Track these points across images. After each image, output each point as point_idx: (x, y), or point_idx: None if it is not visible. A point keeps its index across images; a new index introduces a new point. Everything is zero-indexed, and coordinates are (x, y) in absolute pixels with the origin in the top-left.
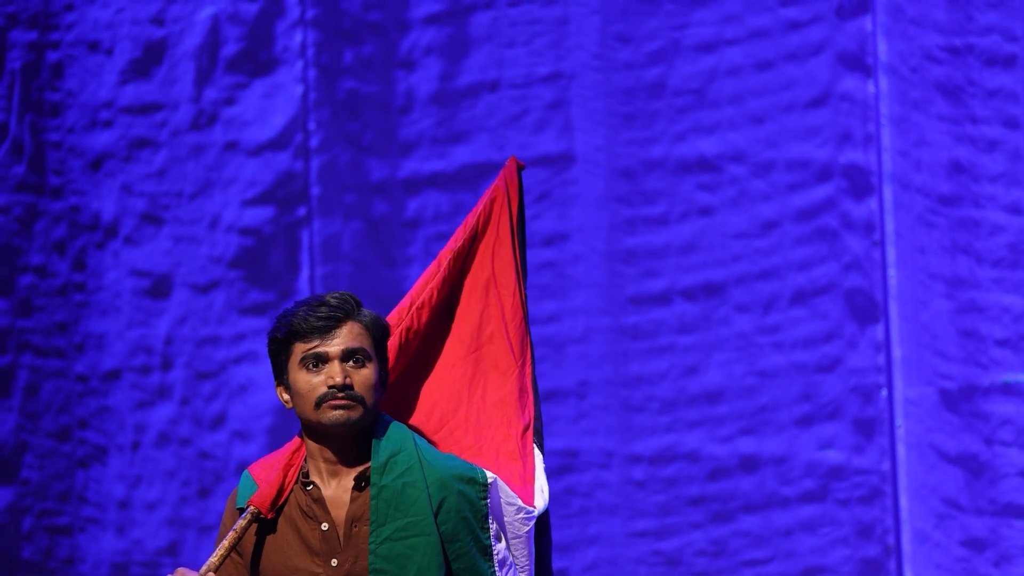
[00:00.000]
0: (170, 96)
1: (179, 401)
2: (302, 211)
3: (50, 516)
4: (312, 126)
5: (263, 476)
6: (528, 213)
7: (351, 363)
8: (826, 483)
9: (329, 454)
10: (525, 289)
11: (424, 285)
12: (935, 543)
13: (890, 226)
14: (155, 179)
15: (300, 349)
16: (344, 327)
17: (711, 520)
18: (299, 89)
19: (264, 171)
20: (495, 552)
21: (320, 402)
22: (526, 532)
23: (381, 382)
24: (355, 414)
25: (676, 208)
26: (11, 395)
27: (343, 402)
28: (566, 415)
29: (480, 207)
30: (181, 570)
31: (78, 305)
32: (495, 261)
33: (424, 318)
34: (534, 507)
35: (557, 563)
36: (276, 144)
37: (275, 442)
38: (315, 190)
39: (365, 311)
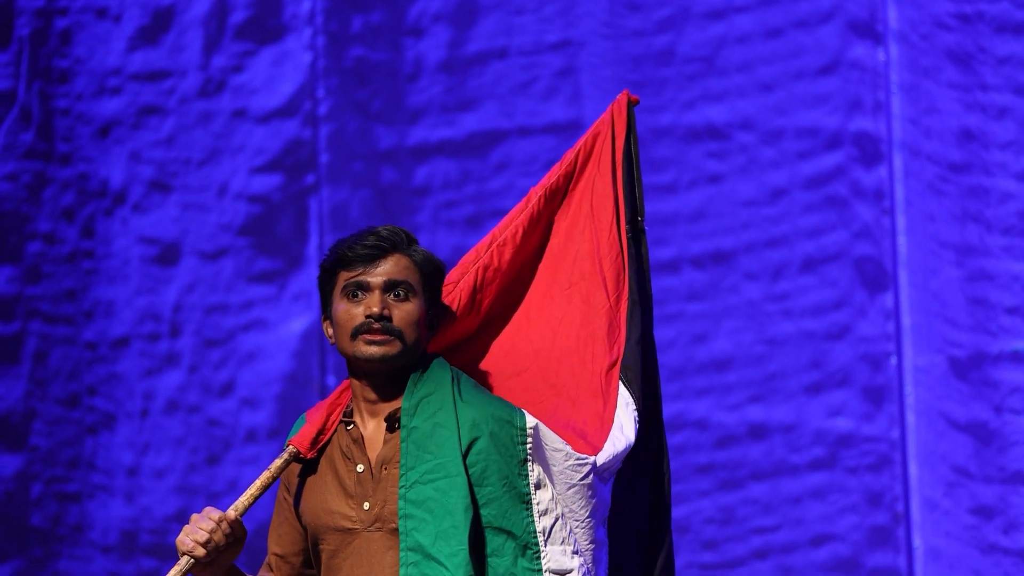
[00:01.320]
0: (178, 63)
1: (188, 368)
2: (310, 179)
3: (59, 483)
4: (321, 93)
5: (312, 416)
6: (537, 180)
7: (393, 296)
8: (835, 451)
9: (369, 393)
10: (629, 223)
11: (508, 223)
12: (944, 511)
13: (900, 194)
14: (163, 146)
15: (344, 277)
16: (390, 258)
17: (719, 488)
18: (308, 56)
19: (272, 139)
20: (535, 501)
21: (356, 333)
22: (580, 480)
23: (427, 322)
24: (391, 349)
25: (685, 176)
26: (20, 362)
27: (379, 337)
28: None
29: (581, 143)
30: (207, 509)
31: (86, 272)
32: (594, 195)
33: (506, 256)
34: (593, 455)
35: None
36: (284, 112)
37: (283, 410)
38: (323, 158)
39: (418, 248)
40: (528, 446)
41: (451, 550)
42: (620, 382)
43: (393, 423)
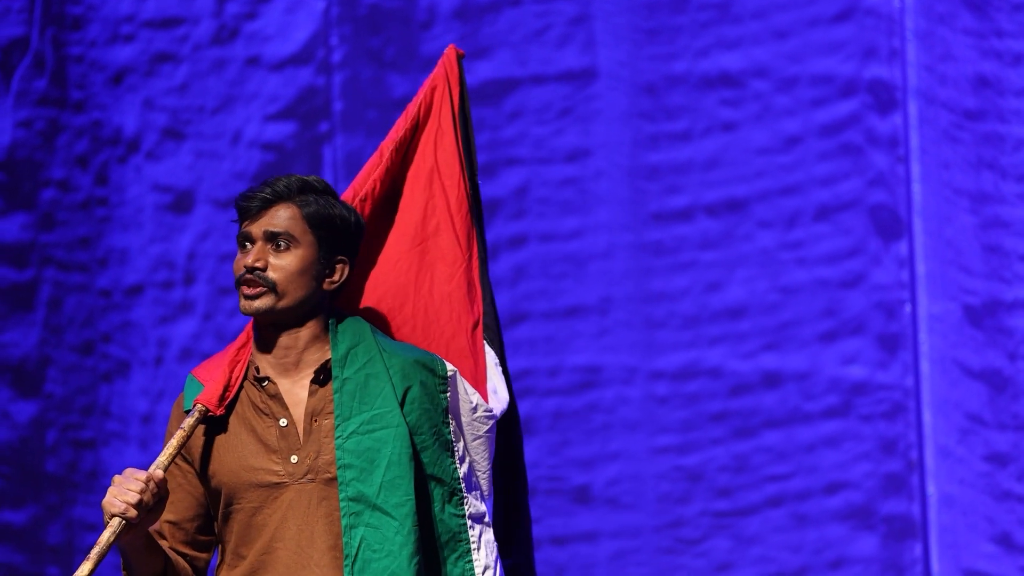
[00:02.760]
0: (191, 10)
1: (202, 316)
2: (324, 127)
3: (74, 430)
4: (334, 41)
5: (208, 376)
6: (550, 129)
7: (273, 246)
8: (849, 399)
9: (276, 347)
10: (470, 179)
11: (366, 177)
12: (958, 458)
13: (914, 141)
14: (177, 94)
15: (240, 228)
16: (275, 209)
17: (733, 436)
18: (321, 4)
19: (286, 86)
20: (456, 449)
21: (237, 285)
22: (486, 432)
23: (318, 272)
24: (264, 303)
25: (699, 124)
26: (34, 309)
27: (254, 289)
28: (588, 331)
29: (420, 96)
30: (129, 470)
31: (100, 220)
32: (438, 151)
33: (367, 211)
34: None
35: (578, 479)
36: (298, 59)
37: None
38: (337, 106)
39: (311, 198)
40: (447, 395)
41: (398, 500)
42: (484, 341)
43: (321, 375)
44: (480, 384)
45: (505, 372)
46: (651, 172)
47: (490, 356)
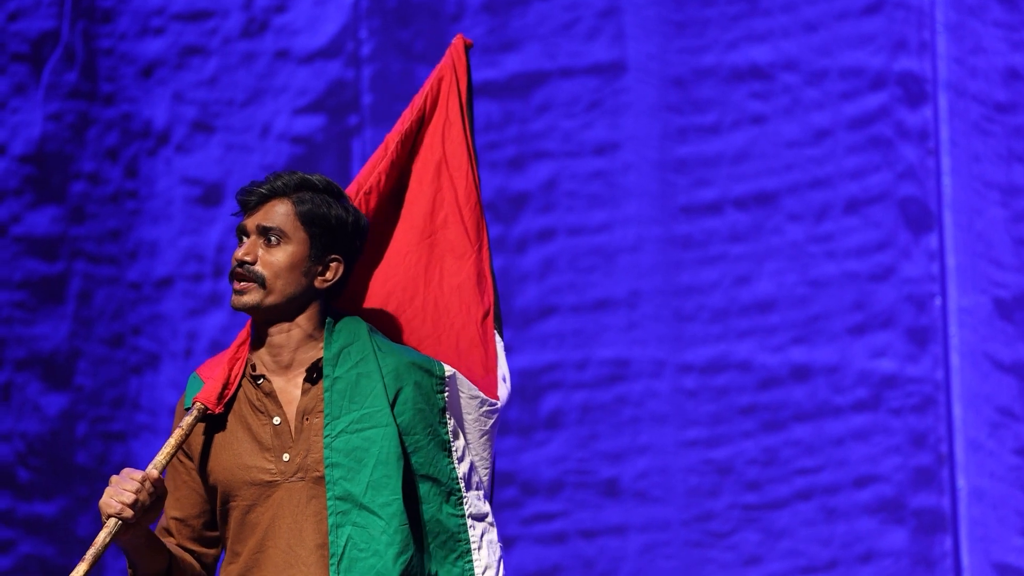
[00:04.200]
0: (221, 4)
1: (230, 309)
2: (353, 120)
3: (104, 422)
4: (363, 34)
5: (209, 374)
6: (579, 122)
7: (264, 241)
8: (879, 392)
9: (270, 345)
10: (478, 171)
11: (371, 170)
12: (988, 451)
13: (945, 134)
14: (206, 87)
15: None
16: (268, 204)
17: (762, 429)
18: None
19: (315, 80)
20: (454, 449)
21: (229, 279)
22: (491, 427)
23: (308, 269)
24: (251, 298)
25: (728, 117)
26: (65, 302)
27: (241, 284)
28: (617, 324)
29: (426, 87)
30: (126, 470)
31: (130, 212)
32: (445, 143)
33: (372, 204)
34: (497, 399)
35: (607, 472)
36: (327, 52)
37: None
38: (366, 99)
39: (308, 195)
40: (445, 395)
41: (384, 499)
42: (495, 331)
43: (313, 373)
44: (491, 372)
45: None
46: (680, 165)
47: (499, 344)
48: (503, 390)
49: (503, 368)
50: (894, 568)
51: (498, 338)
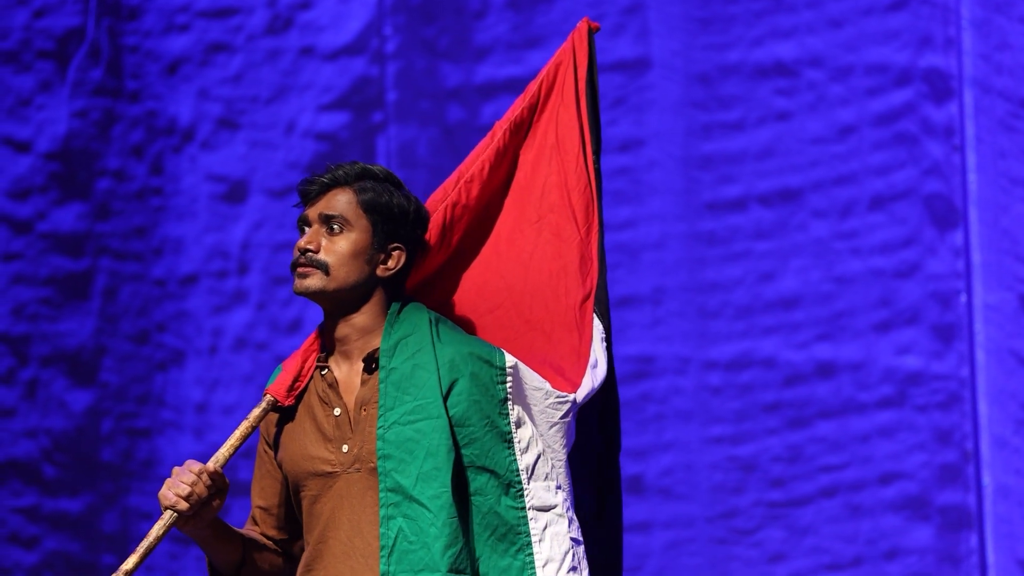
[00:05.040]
0: (246, 0)
1: (255, 306)
2: (378, 117)
3: (129, 419)
4: (388, 31)
5: (288, 364)
6: (604, 119)
7: (327, 230)
8: (904, 389)
9: (335, 334)
10: (594, 154)
11: (475, 158)
12: (1014, 448)
13: (970, 130)
14: (231, 84)
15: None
16: (330, 193)
17: (787, 426)
18: None
19: (340, 76)
20: (516, 439)
21: (291, 267)
22: (561, 418)
23: (371, 257)
24: (313, 282)
25: (753, 113)
26: (90, 298)
27: (304, 269)
28: (641, 321)
29: (543, 73)
30: (188, 462)
31: (155, 209)
32: (559, 127)
33: (474, 192)
34: (569, 390)
35: (631, 469)
36: (352, 49)
37: None
38: (391, 96)
39: (370, 184)
40: (508, 385)
41: (433, 492)
42: (594, 314)
43: (371, 364)
44: (581, 359)
45: (610, 347)
46: (705, 162)
47: (597, 330)
48: (590, 378)
49: (596, 353)
50: (919, 565)
51: (597, 323)
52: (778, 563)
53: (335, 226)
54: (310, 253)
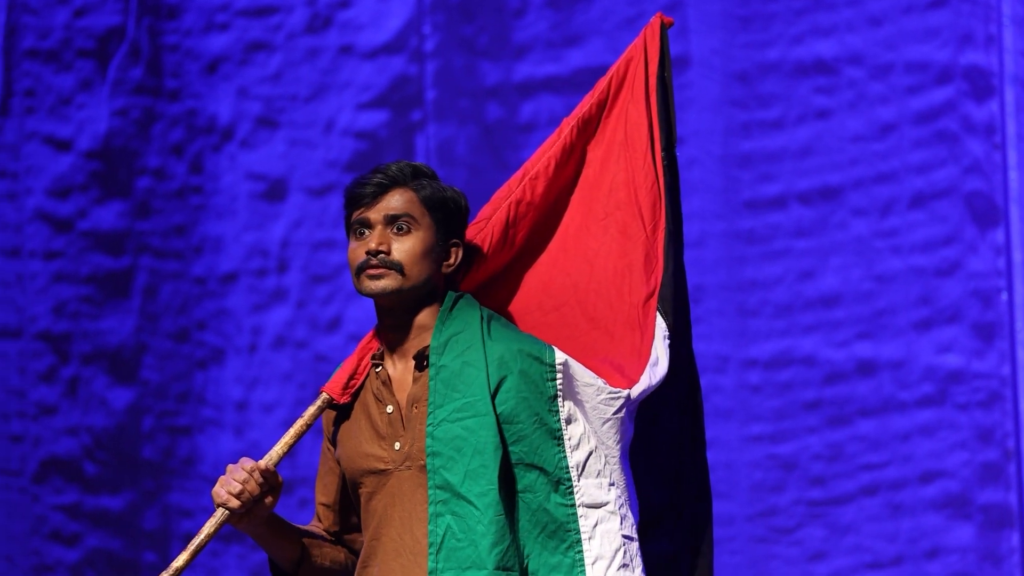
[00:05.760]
0: None
1: (295, 304)
2: (417, 115)
3: (170, 417)
4: (427, 30)
5: (345, 362)
6: None
7: (394, 230)
8: (945, 387)
9: (390, 332)
10: (664, 150)
11: (541, 155)
12: None
13: (1011, 128)
14: (270, 82)
15: (353, 216)
16: (392, 193)
17: (827, 424)
18: None
19: (379, 75)
20: (566, 436)
21: (358, 271)
22: (614, 414)
23: (438, 255)
24: (390, 283)
25: (792, 111)
26: (131, 296)
27: (376, 271)
28: (690, 327)
29: (613, 69)
30: (242, 459)
31: (195, 208)
32: (628, 124)
33: (539, 189)
34: (624, 387)
35: None
36: (391, 48)
37: None
38: (430, 94)
39: (425, 181)
40: (558, 382)
41: (481, 489)
42: (657, 312)
43: (422, 361)
44: (642, 357)
45: (687, 344)
46: (744, 160)
47: (660, 328)
48: (648, 376)
49: (657, 351)
50: (960, 564)
51: (660, 321)
52: (818, 562)
53: (403, 225)
54: (382, 255)
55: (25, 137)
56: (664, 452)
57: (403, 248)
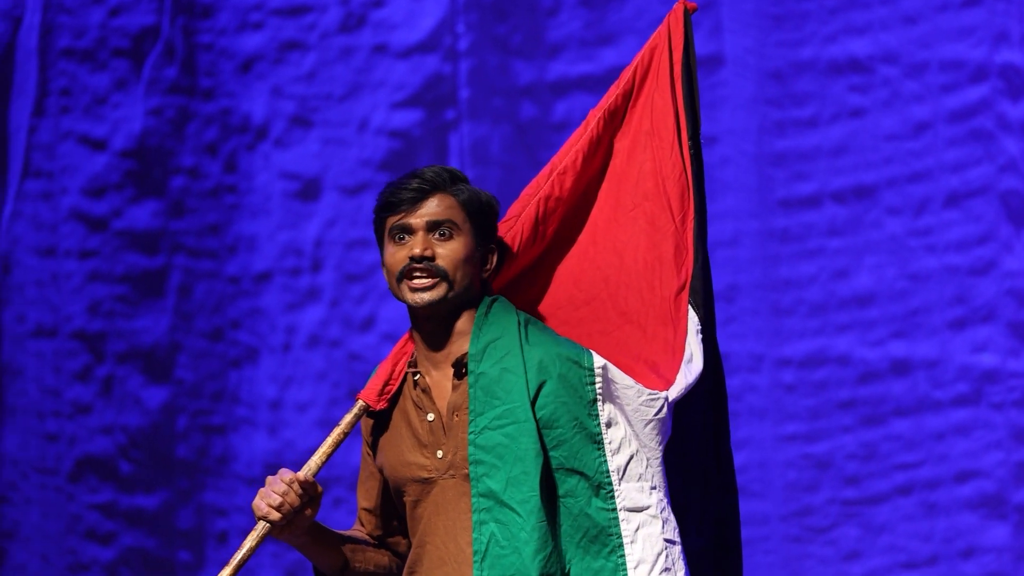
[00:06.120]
0: None
1: (329, 303)
2: (451, 114)
3: (204, 416)
4: (461, 28)
5: (380, 368)
6: None
7: (436, 235)
8: (979, 387)
9: (429, 340)
10: (691, 139)
11: (568, 150)
12: None
13: None
14: (304, 81)
15: (390, 222)
16: (432, 198)
17: (862, 424)
18: None
19: (413, 74)
20: (606, 440)
21: (401, 277)
22: (655, 416)
23: (478, 260)
24: (437, 293)
25: (827, 110)
26: (165, 296)
27: (424, 280)
28: (715, 318)
29: (638, 59)
30: (281, 471)
31: (229, 207)
32: (654, 113)
33: (567, 184)
34: (661, 388)
35: None
36: (425, 47)
37: None
38: (464, 93)
39: (463, 186)
40: (597, 386)
41: (522, 496)
42: (689, 306)
43: (460, 369)
44: (676, 354)
45: (712, 337)
46: (778, 159)
47: (692, 322)
48: (684, 374)
49: (691, 347)
50: (996, 564)
51: (692, 315)
52: (853, 561)
53: (445, 231)
54: (427, 261)
55: (60, 137)
56: (692, 446)
57: (446, 254)
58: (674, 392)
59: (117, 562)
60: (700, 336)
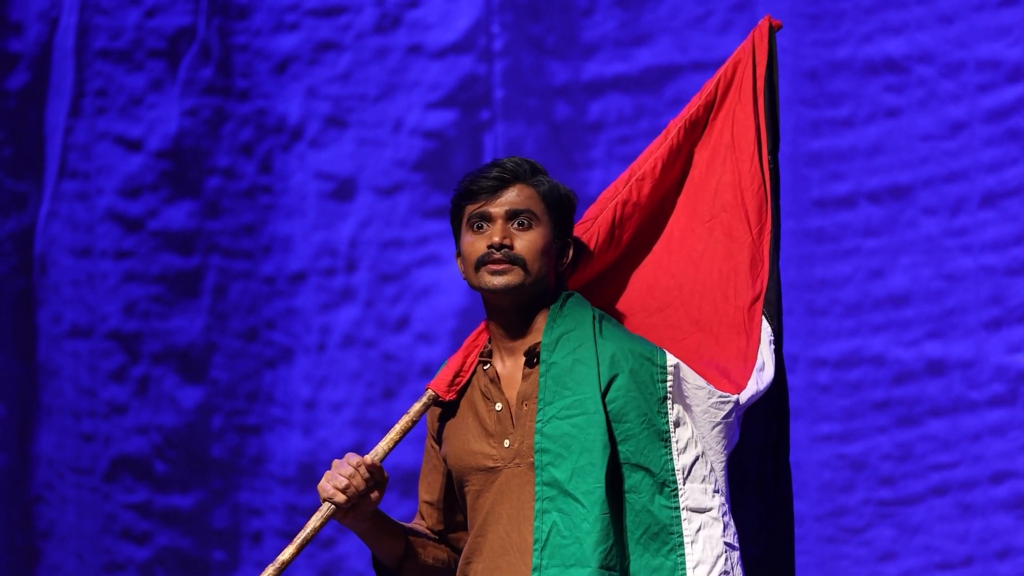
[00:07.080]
0: None
1: (363, 303)
2: (485, 114)
3: (239, 415)
4: (495, 29)
5: (451, 360)
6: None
7: (515, 225)
8: (1015, 387)
9: (502, 329)
10: (770, 154)
11: (647, 156)
12: None
13: None
14: (339, 82)
15: (468, 210)
16: (513, 188)
17: (897, 424)
18: None
19: (447, 74)
20: (673, 439)
21: (479, 264)
22: (724, 418)
23: (555, 252)
24: (513, 279)
25: (862, 110)
26: (200, 296)
27: (501, 266)
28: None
29: (721, 72)
30: (348, 455)
31: (264, 207)
32: (735, 126)
33: (645, 190)
34: (733, 391)
35: None
36: (460, 47)
37: (458, 344)
38: (498, 93)
39: (543, 178)
40: (668, 384)
41: (588, 487)
42: (763, 317)
43: (532, 358)
44: (749, 361)
45: (781, 350)
46: (813, 159)
47: (766, 332)
48: (755, 381)
49: (763, 356)
50: None
51: (766, 325)
52: (888, 562)
53: (524, 221)
54: (506, 248)
55: (96, 137)
56: (754, 455)
57: (525, 244)
58: (745, 396)
59: (152, 562)
60: (772, 347)
